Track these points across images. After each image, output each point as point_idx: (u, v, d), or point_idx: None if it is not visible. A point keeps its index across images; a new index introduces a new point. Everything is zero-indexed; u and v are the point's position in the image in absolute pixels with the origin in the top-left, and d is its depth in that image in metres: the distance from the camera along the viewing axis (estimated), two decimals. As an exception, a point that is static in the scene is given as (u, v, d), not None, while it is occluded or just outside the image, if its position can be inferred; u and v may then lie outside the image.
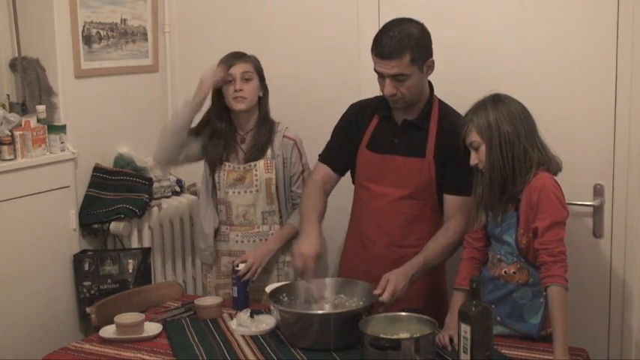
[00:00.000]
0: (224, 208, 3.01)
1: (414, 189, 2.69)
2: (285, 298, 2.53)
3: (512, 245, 2.39)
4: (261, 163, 2.96)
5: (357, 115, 2.83)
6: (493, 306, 2.37)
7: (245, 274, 2.79)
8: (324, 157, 2.91)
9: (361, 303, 2.49)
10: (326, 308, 2.54)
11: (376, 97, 2.86)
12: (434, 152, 2.66)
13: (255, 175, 2.96)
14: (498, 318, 2.41)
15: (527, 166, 2.36)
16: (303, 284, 2.60)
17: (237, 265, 2.81)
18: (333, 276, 3.00)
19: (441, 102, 2.75)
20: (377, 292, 2.47)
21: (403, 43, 2.53)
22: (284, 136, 2.99)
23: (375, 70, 2.61)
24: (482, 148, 2.38)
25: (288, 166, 2.99)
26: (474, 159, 2.41)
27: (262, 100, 3.00)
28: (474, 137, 2.39)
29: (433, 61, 2.63)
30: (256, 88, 2.94)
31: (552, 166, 2.40)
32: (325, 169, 2.88)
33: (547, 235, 2.29)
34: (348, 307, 2.50)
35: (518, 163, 2.35)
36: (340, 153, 2.87)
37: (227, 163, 2.97)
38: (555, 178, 2.39)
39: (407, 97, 2.62)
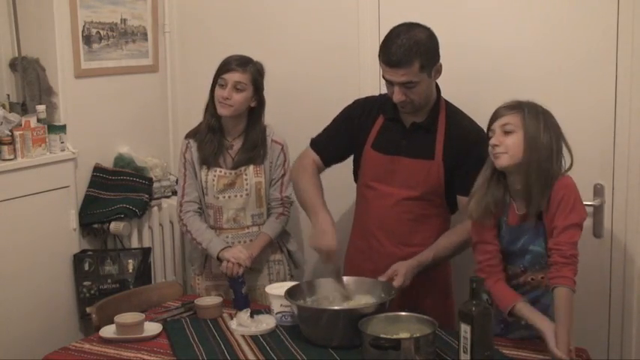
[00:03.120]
0: (212, 212, 3.00)
1: (423, 190, 2.69)
2: (306, 297, 2.55)
3: (543, 252, 2.35)
4: (250, 167, 2.96)
5: (362, 113, 2.82)
6: None
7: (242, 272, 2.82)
8: (317, 145, 2.88)
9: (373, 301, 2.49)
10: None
11: (381, 96, 2.84)
12: (442, 154, 2.66)
13: (246, 180, 2.96)
14: (523, 322, 2.38)
15: (547, 181, 2.30)
16: (322, 282, 2.62)
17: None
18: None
19: (448, 103, 2.75)
20: (381, 279, 2.52)
21: (412, 51, 2.51)
22: (272, 140, 3.00)
23: (384, 77, 2.60)
24: (514, 138, 2.31)
25: (273, 168, 3.00)
26: (497, 141, 2.31)
27: (255, 111, 2.98)
28: (513, 120, 2.31)
29: (441, 65, 2.63)
30: (246, 99, 2.92)
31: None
32: (315, 157, 2.86)
33: (562, 237, 2.27)
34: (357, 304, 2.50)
35: (541, 175, 2.29)
36: (335, 146, 2.85)
37: (217, 169, 2.97)
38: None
39: (416, 102, 2.63)
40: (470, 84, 3.03)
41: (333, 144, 2.86)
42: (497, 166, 2.34)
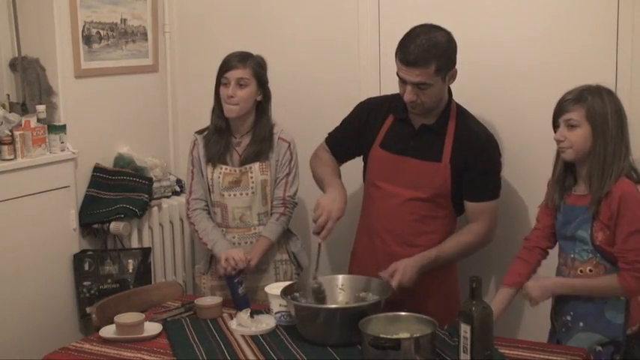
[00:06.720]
0: (219, 210, 3.00)
1: (429, 192, 2.68)
2: (298, 294, 2.54)
3: (587, 241, 2.36)
4: (256, 165, 2.96)
5: (372, 111, 2.82)
6: (572, 312, 2.39)
7: (236, 272, 2.81)
8: (330, 142, 2.93)
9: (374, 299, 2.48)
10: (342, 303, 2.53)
11: (393, 96, 2.81)
12: (450, 157, 2.66)
13: (251, 178, 2.96)
14: (581, 324, 2.39)
15: (618, 168, 2.31)
16: (314, 282, 2.59)
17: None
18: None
19: (459, 107, 2.74)
20: (382, 275, 2.50)
21: (430, 53, 2.50)
22: (279, 138, 2.99)
23: (398, 75, 2.59)
24: (578, 132, 2.33)
25: (279, 166, 2.99)
26: (561, 136, 2.36)
27: (261, 105, 2.98)
28: (577, 116, 2.33)
29: (456, 71, 2.62)
30: (251, 93, 2.92)
31: (633, 174, 2.37)
32: (329, 152, 2.91)
33: (626, 244, 2.29)
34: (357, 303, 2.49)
35: (612, 160, 2.31)
36: (344, 144, 2.88)
37: (223, 166, 2.97)
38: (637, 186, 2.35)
39: (426, 105, 2.62)
40: (469, 81, 3.02)
41: (342, 143, 2.89)
42: (564, 159, 2.39)
